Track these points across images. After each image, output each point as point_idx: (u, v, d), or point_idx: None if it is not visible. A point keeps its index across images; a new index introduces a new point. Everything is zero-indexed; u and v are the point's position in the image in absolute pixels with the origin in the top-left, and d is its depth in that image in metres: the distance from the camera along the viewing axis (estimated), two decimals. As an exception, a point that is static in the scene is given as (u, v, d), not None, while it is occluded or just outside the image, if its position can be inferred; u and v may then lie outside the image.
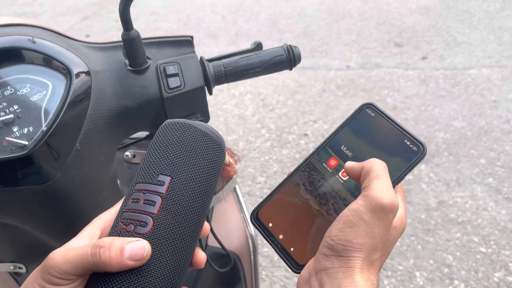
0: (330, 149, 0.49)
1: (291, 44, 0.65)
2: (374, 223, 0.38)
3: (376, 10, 3.47)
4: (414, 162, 0.46)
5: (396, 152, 0.47)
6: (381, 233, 0.38)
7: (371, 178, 0.40)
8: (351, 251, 0.38)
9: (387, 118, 0.48)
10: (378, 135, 0.48)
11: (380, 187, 0.39)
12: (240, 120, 2.55)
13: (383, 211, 0.38)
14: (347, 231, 0.38)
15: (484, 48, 2.86)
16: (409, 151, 0.46)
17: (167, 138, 0.39)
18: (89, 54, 0.57)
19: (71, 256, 0.33)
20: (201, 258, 0.39)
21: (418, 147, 0.46)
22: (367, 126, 0.49)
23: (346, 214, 0.39)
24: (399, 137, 0.47)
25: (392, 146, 0.47)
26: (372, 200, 0.38)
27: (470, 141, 2.21)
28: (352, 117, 0.50)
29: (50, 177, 0.50)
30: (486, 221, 1.83)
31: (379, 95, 2.58)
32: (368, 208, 0.38)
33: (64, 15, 3.99)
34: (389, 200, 0.38)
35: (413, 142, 0.47)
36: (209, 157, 0.39)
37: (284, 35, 3.28)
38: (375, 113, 0.49)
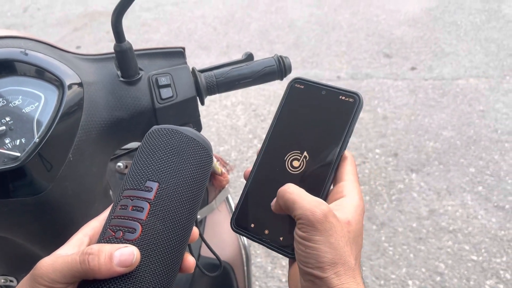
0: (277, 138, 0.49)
1: (281, 55, 0.66)
2: (326, 236, 0.38)
3: (365, 21, 3.52)
4: (355, 113, 0.46)
5: (336, 111, 0.47)
6: (339, 238, 0.39)
7: (292, 208, 0.41)
8: (329, 269, 0.38)
9: (316, 84, 0.49)
10: (313, 102, 0.49)
11: (304, 208, 0.40)
12: (232, 130, 2.56)
13: (322, 222, 0.39)
14: (314, 255, 0.38)
15: (471, 59, 2.91)
16: (347, 105, 0.47)
17: (154, 144, 0.39)
18: (82, 65, 0.57)
19: (60, 264, 0.33)
20: (190, 263, 0.39)
21: (354, 98, 0.47)
22: (301, 99, 0.49)
23: (300, 242, 0.39)
24: (333, 95, 0.48)
25: (330, 107, 0.48)
26: (307, 222, 0.39)
27: (459, 150, 2.23)
28: (285, 97, 0.50)
29: (42, 189, 0.50)
30: (477, 229, 1.85)
31: (369, 105, 2.61)
32: (310, 229, 0.39)
33: (55, 27, 3.99)
34: (318, 212, 0.39)
35: (347, 95, 0.47)
36: (196, 162, 0.39)
37: (275, 46, 3.31)
38: (304, 84, 0.50)
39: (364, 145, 2.33)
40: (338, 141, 0.46)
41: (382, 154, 2.26)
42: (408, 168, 2.17)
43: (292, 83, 0.50)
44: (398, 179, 2.11)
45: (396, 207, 1.97)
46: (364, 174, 2.16)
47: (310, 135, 0.48)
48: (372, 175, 2.15)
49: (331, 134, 0.47)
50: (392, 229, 1.89)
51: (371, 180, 2.12)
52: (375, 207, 1.99)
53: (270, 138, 0.49)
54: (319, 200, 0.41)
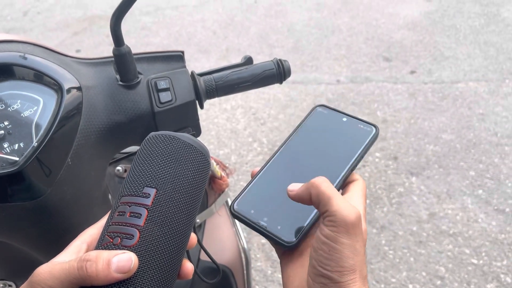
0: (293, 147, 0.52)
1: (281, 58, 0.66)
2: (353, 241, 0.38)
3: (365, 25, 3.53)
4: (369, 141, 0.50)
5: (352, 137, 0.51)
6: (363, 245, 0.39)
7: (325, 202, 0.40)
8: (347, 275, 0.38)
9: (339, 112, 0.53)
10: (332, 126, 0.52)
11: (340, 207, 0.39)
12: (232, 134, 2.56)
13: (355, 226, 0.39)
14: (336, 257, 0.38)
15: (470, 63, 2.92)
16: (363, 132, 0.51)
17: (152, 150, 0.39)
18: (80, 69, 0.57)
19: (57, 271, 0.33)
20: (189, 269, 0.39)
21: (371, 128, 0.51)
22: (321, 122, 0.53)
23: (326, 242, 0.39)
24: (353, 123, 0.52)
25: (347, 132, 0.52)
26: (341, 223, 0.38)
27: (459, 154, 2.23)
28: (307, 117, 0.54)
29: (41, 193, 0.50)
30: (477, 232, 1.84)
31: (369, 109, 2.61)
32: (342, 231, 0.38)
33: (54, 31, 3.99)
34: (353, 215, 0.39)
35: (366, 124, 0.52)
36: (194, 168, 0.39)
37: (274, 50, 3.32)
38: (327, 110, 0.54)
39: (364, 148, 2.33)
40: (348, 161, 0.49)
41: (382, 158, 2.26)
42: (408, 171, 2.17)
43: (316, 107, 0.55)
44: (398, 183, 2.11)
45: (396, 211, 1.97)
46: (364, 178, 2.15)
47: (323, 152, 0.51)
48: (372, 179, 2.15)
49: (343, 154, 0.50)
50: (392, 232, 1.88)
51: (371, 184, 2.12)
52: (375, 210, 1.98)
53: (287, 145, 0.52)
54: (354, 206, 0.40)
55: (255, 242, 1.90)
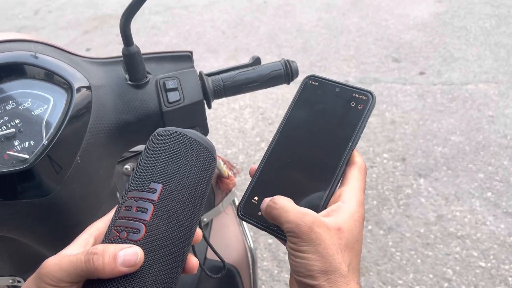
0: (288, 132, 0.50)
1: (289, 59, 0.66)
2: (314, 246, 0.39)
3: (374, 26, 3.51)
4: (367, 111, 0.47)
5: (348, 108, 0.48)
6: (325, 247, 0.39)
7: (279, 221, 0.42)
8: (319, 277, 0.38)
9: (330, 82, 0.50)
10: (326, 99, 0.49)
11: (291, 219, 0.41)
12: (239, 133, 2.56)
13: (309, 233, 0.40)
14: (303, 264, 0.39)
15: (480, 64, 2.89)
16: (360, 102, 0.48)
17: (158, 146, 0.39)
18: (90, 69, 0.58)
19: (65, 263, 0.34)
20: (194, 264, 0.39)
21: (367, 96, 0.48)
22: (314, 96, 0.50)
23: (291, 252, 0.41)
24: (347, 93, 0.49)
25: (343, 104, 0.48)
26: (296, 233, 0.40)
27: (468, 156, 2.21)
28: (298, 93, 0.51)
29: (50, 191, 0.51)
30: (485, 235, 1.83)
31: (377, 110, 2.60)
32: (297, 240, 0.40)
33: (65, 29, 4.03)
34: (303, 224, 0.40)
35: (361, 93, 0.48)
36: (200, 163, 0.39)
37: (283, 50, 3.32)
38: (318, 82, 0.51)
39: (372, 149, 2.32)
40: (348, 139, 0.47)
41: (390, 159, 2.25)
42: (416, 173, 2.15)
43: (306, 80, 0.51)
44: (406, 184, 2.10)
45: (403, 212, 1.96)
46: (371, 179, 2.15)
47: (321, 131, 0.48)
48: (379, 180, 2.14)
49: (342, 131, 0.47)
50: (399, 234, 1.87)
51: (378, 185, 2.11)
52: (383, 212, 1.98)
53: (282, 132, 0.50)
54: (304, 211, 0.41)
55: (262, 242, 1.90)
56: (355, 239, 0.42)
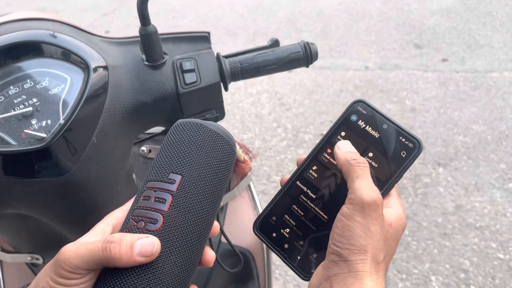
0: (325, 153, 0.48)
1: (308, 41, 0.64)
2: (367, 222, 0.39)
3: (396, 10, 3.43)
4: (411, 160, 0.45)
5: (392, 150, 0.45)
6: (378, 230, 0.40)
7: (351, 179, 0.42)
8: (357, 254, 0.38)
9: (379, 114, 0.47)
10: (371, 133, 0.47)
11: (361, 187, 0.40)
12: (256, 118, 2.55)
13: (371, 208, 0.39)
14: (348, 235, 0.39)
15: (506, 51, 2.80)
16: (405, 148, 0.45)
17: (179, 137, 0.39)
18: (107, 49, 0.57)
19: (82, 251, 0.34)
20: (210, 257, 0.39)
21: (414, 143, 0.45)
22: (359, 124, 0.47)
23: (341, 219, 0.40)
24: (394, 133, 0.46)
25: (387, 144, 0.46)
26: (358, 201, 0.40)
27: (490, 145, 2.16)
28: (343, 117, 0.48)
29: (66, 170, 0.51)
30: (505, 227, 1.79)
31: (397, 97, 2.55)
32: (356, 209, 0.40)
33: (85, 11, 4.05)
34: (369, 198, 0.40)
35: (409, 138, 0.45)
36: (219, 156, 0.39)
37: (302, 34, 3.27)
38: (367, 110, 0.47)
39: (390, 137, 2.29)
40: (384, 184, 0.45)
41: (408, 147, 2.21)
42: (435, 162, 2.12)
43: (354, 104, 0.48)
44: (425, 173, 2.07)
45: (421, 201, 1.94)
46: (389, 167, 2.12)
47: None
48: (397, 168, 2.11)
49: (379, 172, 0.45)
50: (416, 223, 1.85)
51: (396, 173, 2.08)
52: (400, 200, 1.95)
53: (318, 152, 0.48)
54: (378, 191, 0.41)
55: (277, 227, 1.90)
56: (397, 240, 0.43)
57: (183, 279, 0.35)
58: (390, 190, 0.45)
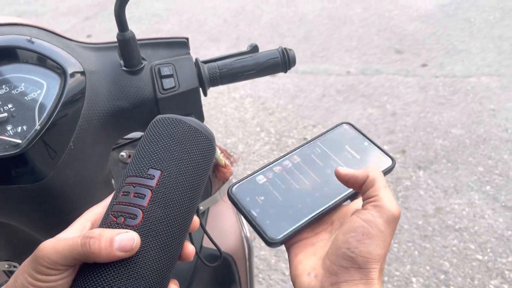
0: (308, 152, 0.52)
1: (286, 47, 0.65)
2: (388, 233, 0.39)
3: (377, 17, 3.48)
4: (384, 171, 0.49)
5: (367, 162, 0.50)
6: (389, 242, 0.40)
7: (378, 188, 0.41)
8: (372, 263, 0.38)
9: (363, 135, 0.53)
10: (352, 145, 0.52)
11: (389, 198, 0.41)
12: (239, 123, 2.55)
13: (395, 221, 0.40)
14: (368, 243, 0.38)
15: (483, 57, 2.87)
16: (380, 162, 0.50)
17: (158, 133, 0.39)
18: (85, 54, 0.57)
19: (61, 246, 0.34)
20: (190, 251, 0.39)
21: (388, 159, 0.51)
22: (343, 137, 0.53)
23: (364, 226, 0.39)
24: (372, 150, 0.52)
25: (364, 157, 0.51)
26: (386, 211, 0.40)
27: (468, 149, 2.21)
28: (331, 130, 0.54)
29: (43, 176, 0.51)
30: (483, 228, 1.83)
31: (378, 101, 2.59)
32: (384, 219, 0.39)
33: (66, 15, 4.00)
34: (398, 210, 0.40)
35: (385, 155, 0.51)
36: (199, 151, 0.39)
37: (285, 39, 3.29)
38: (352, 130, 0.54)
39: (372, 141, 2.31)
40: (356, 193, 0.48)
41: (390, 151, 2.25)
42: (416, 165, 2.15)
43: (342, 123, 0.54)
44: (405, 176, 2.10)
45: (402, 204, 1.96)
46: (370, 170, 2.14)
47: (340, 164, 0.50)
48: (378, 172, 2.13)
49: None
50: (397, 226, 1.87)
51: (377, 177, 2.11)
52: (381, 203, 1.98)
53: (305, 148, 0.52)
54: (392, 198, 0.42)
55: (260, 232, 1.90)
56: None
57: (163, 273, 0.36)
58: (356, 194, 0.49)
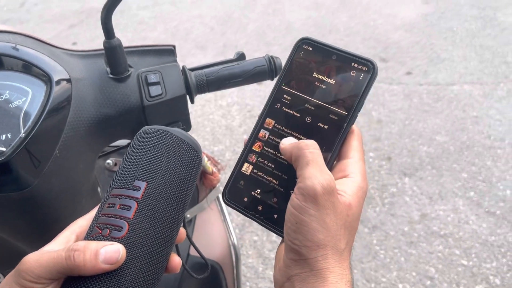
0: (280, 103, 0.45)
1: (273, 55, 0.66)
2: (322, 214, 0.36)
3: (362, 25, 3.53)
4: (368, 84, 0.43)
5: (347, 80, 0.43)
6: (334, 219, 0.37)
7: (301, 166, 0.38)
8: (316, 250, 0.36)
9: (327, 47, 0.45)
10: (322, 68, 0.44)
11: (311, 174, 0.37)
12: (227, 130, 2.55)
13: (322, 198, 0.36)
14: (304, 231, 0.36)
15: (466, 65, 2.93)
16: (360, 73, 0.43)
17: (144, 144, 0.39)
18: (71, 61, 0.57)
19: (45, 259, 0.33)
20: (176, 263, 0.39)
21: (368, 66, 0.43)
22: (308, 63, 0.45)
23: (293, 213, 0.37)
24: (345, 61, 0.44)
25: (341, 74, 0.44)
26: (308, 190, 0.36)
27: (452, 156, 2.24)
28: (291, 60, 0.46)
29: (27, 184, 0.50)
30: (468, 234, 1.85)
31: (364, 109, 2.61)
32: (309, 200, 0.36)
33: (51, 22, 3.97)
34: (320, 188, 0.36)
35: (361, 62, 0.43)
36: (185, 163, 0.39)
37: (271, 47, 3.31)
38: (313, 46, 0.45)
39: (358, 148, 2.33)
40: (347, 114, 0.42)
41: (375, 158, 2.27)
42: (401, 172, 2.18)
43: (299, 44, 0.46)
44: (391, 183, 2.12)
45: (388, 211, 1.98)
46: (357, 177, 2.16)
47: (316, 103, 0.44)
48: (365, 178, 2.15)
49: (339, 105, 0.43)
50: (384, 232, 1.89)
51: (364, 183, 2.12)
52: (368, 210, 1.99)
53: (273, 101, 0.46)
54: (330, 175, 0.38)
55: (247, 239, 1.90)
56: (358, 216, 0.40)
57: (149, 286, 0.35)
58: (353, 122, 0.43)
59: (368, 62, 0.43)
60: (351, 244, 0.39)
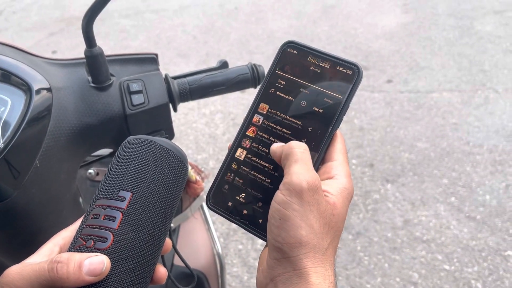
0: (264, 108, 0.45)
1: (255, 63, 0.66)
2: (306, 210, 0.36)
3: (343, 34, 3.58)
4: (353, 87, 0.43)
5: (332, 83, 0.43)
6: (318, 217, 0.37)
7: (289, 164, 0.39)
8: (298, 248, 0.36)
9: (312, 51, 0.45)
10: (307, 71, 0.44)
11: (298, 171, 0.37)
12: (210, 139, 2.55)
13: (307, 194, 0.36)
14: (287, 226, 0.36)
15: (445, 73, 2.99)
16: (345, 77, 0.43)
17: (129, 154, 0.39)
18: (51, 70, 0.56)
19: (27, 272, 0.33)
20: (162, 274, 0.39)
21: (353, 70, 0.43)
22: (293, 67, 0.45)
23: (278, 209, 0.37)
24: (330, 65, 0.44)
25: (325, 78, 0.44)
26: (293, 185, 0.37)
27: (433, 162, 2.28)
28: (275, 63, 0.46)
29: (7, 195, 0.49)
30: (449, 239, 1.88)
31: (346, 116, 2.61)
32: (293, 194, 0.36)
33: (30, 31, 3.92)
34: (306, 182, 0.36)
35: (346, 66, 0.43)
36: (171, 172, 0.39)
37: (254, 56, 3.33)
38: (298, 50, 0.45)
39: (341, 155, 2.35)
40: (332, 117, 0.43)
41: (358, 165, 2.29)
42: (384, 178, 2.20)
43: (284, 47, 0.46)
44: (374, 190, 2.14)
45: (371, 217, 2.00)
46: (340, 184, 2.17)
47: (301, 107, 0.44)
48: (348, 185, 2.16)
49: (324, 108, 0.43)
50: (367, 238, 1.90)
51: (347, 190, 2.13)
52: (351, 216, 2.00)
53: (258, 104, 0.45)
54: (316, 174, 0.38)
55: (232, 248, 1.89)
56: (343, 217, 0.40)
57: None
58: (338, 125, 0.43)
59: (353, 66, 0.43)
60: (336, 245, 0.39)
